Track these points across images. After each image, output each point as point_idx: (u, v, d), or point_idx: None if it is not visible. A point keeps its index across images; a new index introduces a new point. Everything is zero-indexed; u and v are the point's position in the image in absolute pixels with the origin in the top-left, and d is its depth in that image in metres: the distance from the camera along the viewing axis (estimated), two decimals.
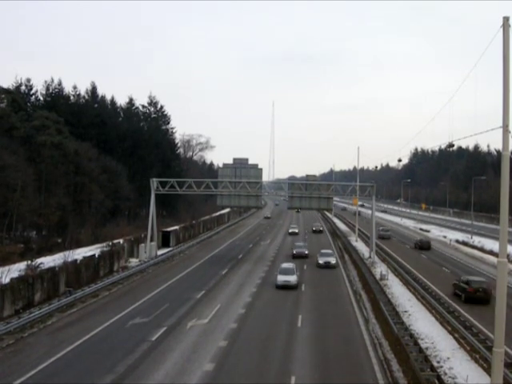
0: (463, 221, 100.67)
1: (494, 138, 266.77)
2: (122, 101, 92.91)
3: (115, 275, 40.63)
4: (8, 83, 72.11)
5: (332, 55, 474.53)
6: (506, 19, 17.47)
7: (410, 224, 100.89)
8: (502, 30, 17.53)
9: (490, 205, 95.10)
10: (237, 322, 28.06)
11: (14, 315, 28.42)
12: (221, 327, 26.98)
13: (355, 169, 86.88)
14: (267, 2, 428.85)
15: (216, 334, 25.76)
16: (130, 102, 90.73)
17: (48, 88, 78.03)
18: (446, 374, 20.36)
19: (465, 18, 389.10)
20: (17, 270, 33.13)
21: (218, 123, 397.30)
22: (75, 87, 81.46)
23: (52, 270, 34.49)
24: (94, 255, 42.12)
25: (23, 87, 74.92)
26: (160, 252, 55.04)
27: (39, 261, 36.26)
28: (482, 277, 37.49)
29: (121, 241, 51.16)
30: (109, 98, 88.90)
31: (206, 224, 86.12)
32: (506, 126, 17.43)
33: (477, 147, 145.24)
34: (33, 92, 76.42)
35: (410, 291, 37.21)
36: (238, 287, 38.34)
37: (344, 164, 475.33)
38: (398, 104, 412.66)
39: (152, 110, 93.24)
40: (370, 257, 53.35)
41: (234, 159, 54.76)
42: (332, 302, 33.54)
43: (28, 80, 75.35)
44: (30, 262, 34.62)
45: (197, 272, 45.68)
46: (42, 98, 77.69)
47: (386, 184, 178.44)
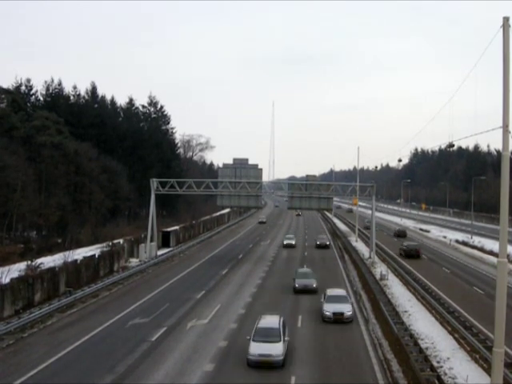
0: (463, 221, 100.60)
1: (493, 138, 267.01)
2: (121, 101, 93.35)
3: (115, 275, 40.62)
4: (8, 83, 72.43)
5: (332, 55, 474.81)
6: (505, 19, 17.50)
7: (410, 224, 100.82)
8: (501, 30, 17.55)
9: (489, 205, 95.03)
10: (237, 323, 28.09)
11: (14, 315, 28.45)
12: (221, 327, 27.01)
13: (355, 169, 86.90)
14: (267, 2, 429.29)
15: (216, 334, 25.79)
16: (130, 102, 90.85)
17: (48, 88, 78.23)
18: (446, 374, 20.38)
19: (465, 18, 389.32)
20: (17, 270, 33.18)
21: (218, 123, 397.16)
22: (75, 87, 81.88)
23: (52, 270, 34.50)
24: (94, 255, 42.12)
25: (23, 87, 74.98)
26: (160, 252, 55.03)
27: (39, 261, 36.27)
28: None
29: (121, 241, 51.17)
30: (109, 98, 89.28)
31: (206, 224, 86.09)
32: (506, 126, 17.44)
33: (477, 147, 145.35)
34: (33, 92, 76.55)
35: (410, 291, 37.26)
36: (238, 287, 38.34)
37: (344, 164, 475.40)
38: (398, 104, 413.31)
39: (152, 110, 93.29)
40: (369, 257, 53.38)
41: (234, 159, 54.75)
42: None
43: (28, 80, 75.63)
44: (29, 262, 34.63)
45: (197, 272, 45.68)
46: (41, 98, 77.84)
47: (385, 184, 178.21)
